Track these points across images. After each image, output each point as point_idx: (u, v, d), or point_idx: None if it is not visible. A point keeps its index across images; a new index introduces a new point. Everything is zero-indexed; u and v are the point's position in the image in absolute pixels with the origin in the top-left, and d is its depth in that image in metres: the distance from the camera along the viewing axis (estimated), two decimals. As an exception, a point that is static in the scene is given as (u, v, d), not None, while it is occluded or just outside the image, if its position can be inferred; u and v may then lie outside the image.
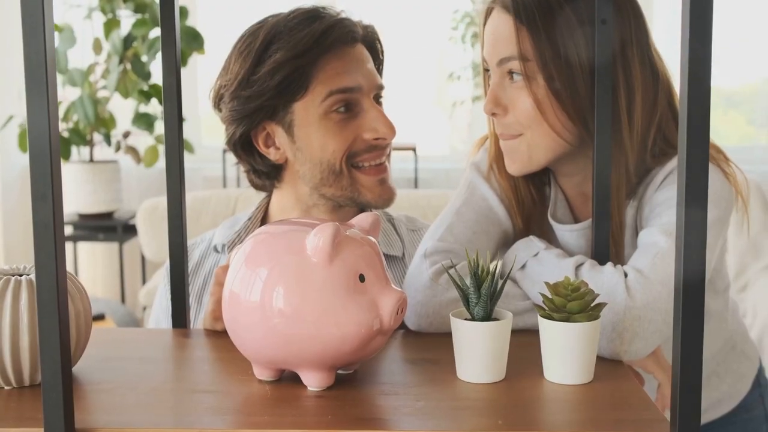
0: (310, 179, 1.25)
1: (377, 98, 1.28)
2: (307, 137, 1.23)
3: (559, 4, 1.07)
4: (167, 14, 1.06)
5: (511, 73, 1.10)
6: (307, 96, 1.21)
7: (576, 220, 1.19)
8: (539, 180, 1.21)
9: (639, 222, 1.13)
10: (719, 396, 1.28)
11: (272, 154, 1.27)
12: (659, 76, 1.13)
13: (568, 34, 1.07)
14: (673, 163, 1.10)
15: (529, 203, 1.19)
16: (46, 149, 0.66)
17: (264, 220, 1.34)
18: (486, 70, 1.17)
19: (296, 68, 1.19)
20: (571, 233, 1.15)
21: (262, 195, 1.38)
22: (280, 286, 0.80)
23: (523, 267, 1.06)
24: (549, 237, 1.18)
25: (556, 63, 1.07)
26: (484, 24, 1.16)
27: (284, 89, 1.21)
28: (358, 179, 1.24)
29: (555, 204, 1.18)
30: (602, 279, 0.98)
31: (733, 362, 1.29)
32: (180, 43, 1.08)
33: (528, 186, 1.19)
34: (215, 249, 1.33)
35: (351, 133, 1.22)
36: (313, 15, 1.23)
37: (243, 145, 1.28)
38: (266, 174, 1.30)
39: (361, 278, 0.81)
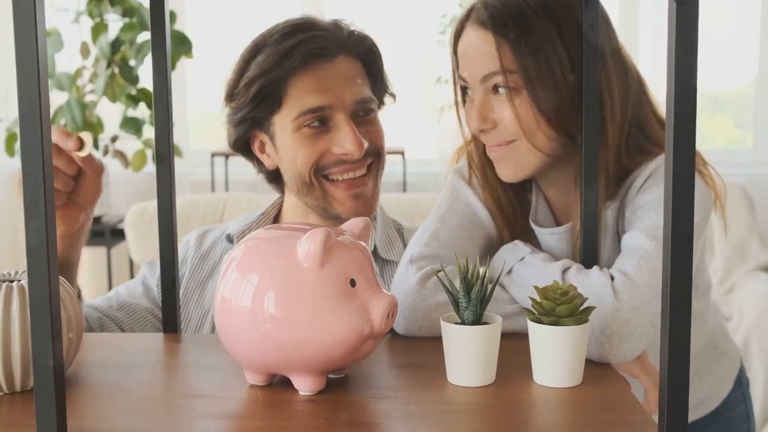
0: (291, 188, 1.30)
1: (366, 111, 1.27)
2: (284, 148, 1.26)
3: (536, 15, 1.08)
4: (158, 18, 1.06)
5: (495, 87, 1.10)
6: (283, 110, 1.24)
7: (558, 224, 1.20)
8: (521, 187, 1.21)
9: (620, 225, 1.13)
10: (701, 396, 1.29)
11: (265, 160, 1.32)
12: (628, 68, 1.14)
13: (548, 44, 1.07)
14: (653, 165, 1.10)
15: (510, 209, 1.20)
16: (39, 156, 0.66)
17: (277, 217, 1.37)
18: (464, 88, 1.17)
19: (266, 85, 1.22)
20: (552, 236, 1.16)
21: (249, 199, 1.41)
22: (271, 291, 0.81)
23: (509, 272, 1.07)
24: (532, 240, 1.19)
25: (539, 74, 1.08)
26: (455, 42, 1.16)
27: (259, 103, 1.24)
28: (330, 192, 1.26)
29: (536, 209, 1.19)
30: (589, 283, 0.98)
31: (714, 362, 1.30)
32: (170, 47, 1.08)
33: (510, 192, 1.20)
34: (228, 238, 1.34)
35: (320, 147, 1.24)
36: (292, 30, 1.24)
37: (241, 149, 1.33)
38: (266, 176, 1.35)
39: (352, 283, 0.82)
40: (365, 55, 1.29)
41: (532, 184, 1.21)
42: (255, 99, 1.24)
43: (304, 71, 1.23)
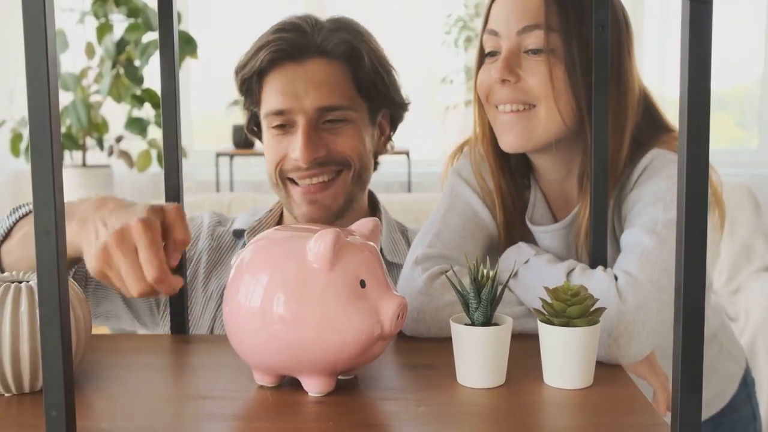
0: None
1: (334, 120, 1.24)
2: (264, 144, 1.30)
3: None
4: (165, 18, 1.05)
5: (529, 49, 1.09)
6: (261, 107, 1.28)
7: (556, 220, 1.20)
8: (521, 183, 1.21)
9: (616, 222, 1.13)
10: (707, 397, 1.29)
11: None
12: (638, 82, 1.14)
13: (590, 14, 1.07)
14: (645, 161, 1.10)
15: (510, 206, 1.20)
16: (48, 156, 0.66)
17: (282, 214, 1.38)
18: (487, 54, 1.15)
19: (243, 80, 1.27)
20: (545, 234, 1.16)
21: (254, 199, 1.40)
22: (280, 292, 0.80)
23: (515, 274, 1.06)
24: (529, 237, 1.19)
25: (579, 40, 1.07)
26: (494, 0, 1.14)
27: (245, 97, 1.29)
28: (291, 193, 1.27)
29: (534, 206, 1.20)
30: (593, 284, 0.98)
31: (719, 363, 1.30)
32: (178, 47, 1.08)
33: (510, 189, 1.20)
34: (234, 233, 1.34)
35: (282, 149, 1.26)
36: (277, 29, 1.26)
37: (257, 137, 1.36)
38: None
39: (362, 284, 0.81)
40: (347, 58, 1.26)
41: (530, 181, 1.21)
42: (241, 91, 1.30)
43: (273, 72, 1.25)
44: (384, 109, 1.32)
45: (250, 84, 1.27)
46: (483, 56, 1.16)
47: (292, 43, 1.23)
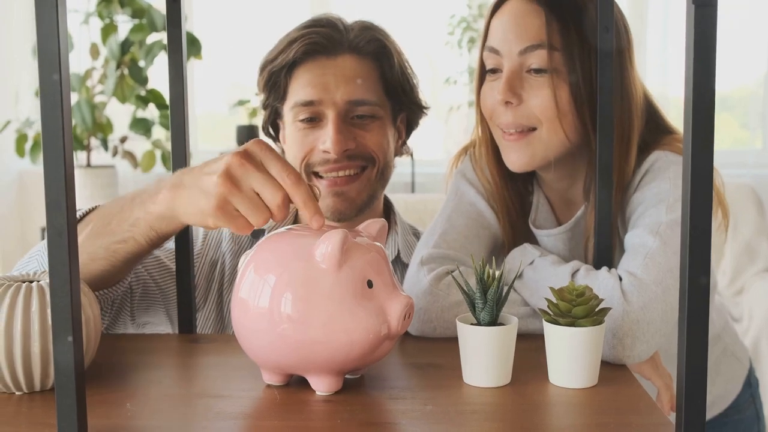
0: None
1: (362, 114, 1.26)
2: (285, 139, 1.31)
3: (584, 2, 1.08)
4: (173, 22, 1.06)
5: (531, 68, 1.10)
6: (287, 101, 1.28)
7: (559, 223, 1.20)
8: (524, 188, 1.22)
9: (619, 224, 1.14)
10: (711, 398, 1.30)
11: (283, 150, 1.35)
12: (641, 88, 1.15)
13: (592, 33, 1.07)
14: (647, 163, 1.11)
15: (513, 209, 1.20)
16: (60, 156, 0.67)
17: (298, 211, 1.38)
18: (488, 71, 1.16)
19: (271, 73, 1.27)
20: (548, 238, 1.17)
21: None
22: (288, 292, 0.81)
23: (520, 275, 1.07)
24: (533, 239, 1.19)
25: (582, 59, 1.07)
26: (493, 14, 1.14)
27: (270, 92, 1.29)
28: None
29: (536, 210, 1.20)
30: (598, 285, 0.98)
31: (723, 364, 1.30)
32: (186, 49, 1.09)
33: (512, 195, 1.20)
34: (252, 234, 1.33)
35: (310, 143, 1.26)
36: (307, 25, 1.27)
37: (271, 137, 1.37)
38: None
39: (369, 284, 0.82)
40: (377, 57, 1.28)
41: (533, 186, 1.22)
42: (265, 87, 1.29)
43: (304, 65, 1.26)
44: (403, 112, 1.34)
45: (278, 77, 1.27)
46: (484, 72, 1.17)
47: (326, 37, 1.25)
